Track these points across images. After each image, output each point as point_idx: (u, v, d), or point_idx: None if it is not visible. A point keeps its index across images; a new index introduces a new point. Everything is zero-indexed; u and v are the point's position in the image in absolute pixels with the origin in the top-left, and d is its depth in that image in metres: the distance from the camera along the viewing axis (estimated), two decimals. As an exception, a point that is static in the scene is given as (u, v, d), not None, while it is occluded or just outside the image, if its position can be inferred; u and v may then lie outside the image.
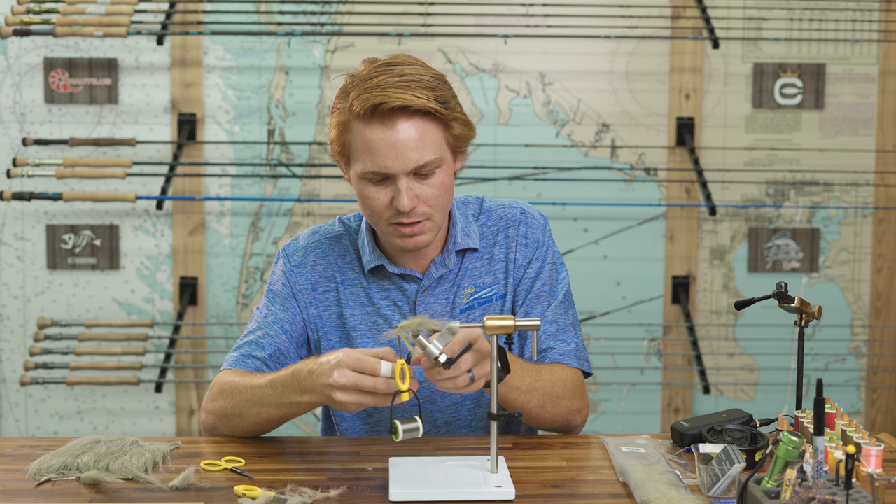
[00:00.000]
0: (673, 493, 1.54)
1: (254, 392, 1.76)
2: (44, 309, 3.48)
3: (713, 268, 3.54)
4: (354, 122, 1.77)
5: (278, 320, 1.91)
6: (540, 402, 1.82)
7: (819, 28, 3.47)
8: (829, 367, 3.57)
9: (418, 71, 1.77)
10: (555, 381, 1.86)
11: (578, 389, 1.90)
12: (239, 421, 1.80)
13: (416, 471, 1.64)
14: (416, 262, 1.91)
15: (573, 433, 1.92)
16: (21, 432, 3.50)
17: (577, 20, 3.34)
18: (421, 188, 1.78)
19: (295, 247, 1.97)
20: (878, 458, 1.65)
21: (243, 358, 1.88)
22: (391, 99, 1.72)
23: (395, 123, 1.74)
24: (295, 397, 1.70)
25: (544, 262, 1.95)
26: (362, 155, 1.78)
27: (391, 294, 1.92)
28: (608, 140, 3.48)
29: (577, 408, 1.89)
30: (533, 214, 1.98)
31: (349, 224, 1.98)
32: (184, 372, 3.49)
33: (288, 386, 1.71)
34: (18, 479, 1.64)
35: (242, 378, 1.81)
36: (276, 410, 1.75)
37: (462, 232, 1.92)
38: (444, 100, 1.77)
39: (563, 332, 1.93)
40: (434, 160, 1.77)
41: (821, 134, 3.52)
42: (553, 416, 1.86)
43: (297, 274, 1.94)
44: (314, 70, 3.44)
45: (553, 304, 1.94)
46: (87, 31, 3.20)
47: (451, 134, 1.80)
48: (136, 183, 3.42)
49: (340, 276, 1.93)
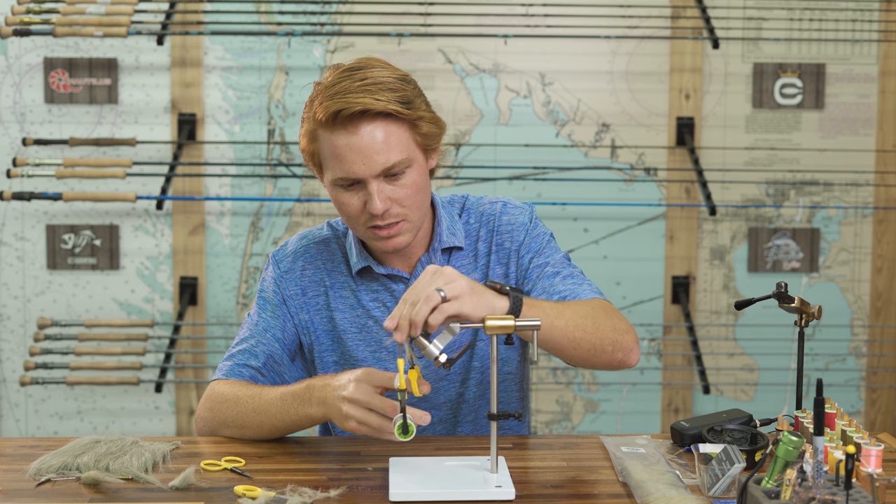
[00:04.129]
0: (673, 493, 1.54)
1: (259, 404, 1.77)
2: (44, 309, 3.48)
3: (713, 268, 3.54)
4: (320, 130, 1.77)
5: (270, 328, 1.91)
6: (580, 326, 1.70)
7: (819, 28, 3.47)
8: (829, 367, 3.57)
9: (381, 73, 1.76)
10: (584, 305, 1.76)
11: (614, 311, 1.79)
12: (239, 430, 1.81)
13: (416, 471, 1.64)
14: (402, 262, 1.91)
15: (629, 362, 1.77)
16: (21, 432, 3.50)
17: (577, 20, 3.34)
18: (393, 190, 1.78)
19: (284, 252, 1.97)
20: (878, 458, 1.65)
21: (237, 367, 1.88)
22: (351, 104, 1.72)
23: (359, 128, 1.74)
24: (303, 409, 1.72)
25: (540, 242, 1.93)
26: (331, 162, 1.78)
27: (379, 295, 1.92)
28: (608, 140, 3.48)
29: (622, 327, 1.76)
30: (515, 204, 1.97)
31: (337, 228, 1.98)
32: (184, 372, 3.49)
33: (299, 397, 1.73)
34: (18, 479, 1.64)
35: (245, 388, 1.81)
36: (280, 422, 1.76)
37: (448, 230, 1.92)
38: (406, 100, 1.76)
39: (571, 278, 1.87)
40: (402, 161, 1.76)
41: (821, 134, 3.52)
42: (601, 338, 1.72)
43: (287, 279, 1.94)
44: (314, 70, 3.44)
45: (554, 260, 1.91)
46: (87, 31, 3.20)
47: (419, 133, 1.79)
48: (136, 183, 3.42)
49: (329, 280, 1.93)
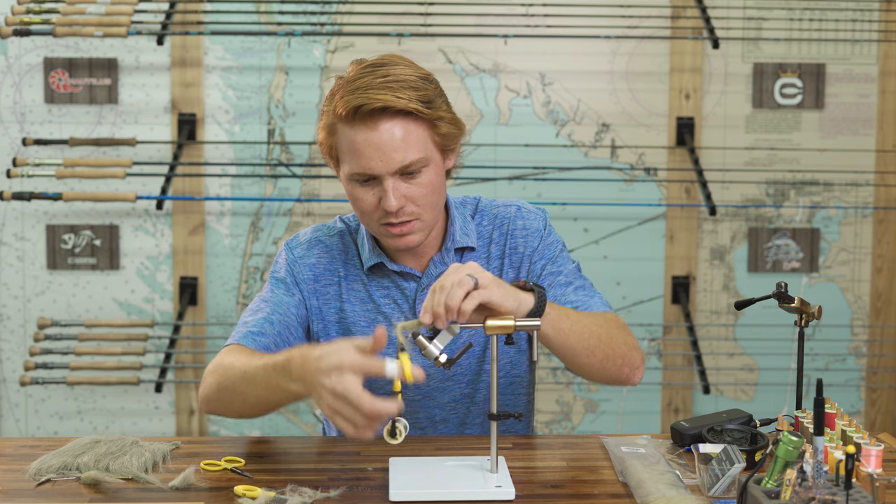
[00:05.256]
0: (673, 493, 1.54)
1: (248, 370, 1.69)
2: (44, 309, 3.48)
3: (713, 268, 3.54)
4: (339, 124, 1.78)
5: (284, 302, 1.90)
6: (596, 334, 1.73)
7: (819, 28, 3.47)
8: (829, 367, 3.57)
9: (403, 71, 1.77)
10: (599, 317, 1.79)
11: (625, 327, 1.82)
12: (231, 396, 1.73)
13: (416, 471, 1.64)
14: (415, 261, 1.92)
15: (633, 380, 1.81)
16: (21, 432, 3.50)
17: (577, 20, 3.34)
18: (408, 188, 1.78)
19: (298, 241, 1.97)
20: (878, 458, 1.65)
21: (252, 335, 1.83)
22: (372, 100, 1.73)
23: (378, 125, 1.74)
24: (284, 382, 1.61)
25: (554, 250, 1.94)
26: (348, 157, 1.78)
27: (391, 292, 1.92)
28: (608, 140, 3.48)
29: (632, 343, 1.79)
30: (530, 209, 1.99)
31: (349, 223, 1.99)
32: (184, 372, 3.49)
33: (280, 369, 1.62)
34: (18, 479, 1.64)
35: (243, 355, 1.75)
36: (265, 392, 1.67)
37: (461, 231, 1.92)
38: (427, 99, 1.77)
39: (583, 290, 1.89)
40: (419, 160, 1.77)
41: (821, 134, 3.52)
42: (614, 349, 1.75)
43: (301, 264, 1.94)
44: (314, 70, 3.44)
45: (567, 270, 1.92)
46: (87, 31, 3.20)
47: (438, 133, 1.80)
48: (136, 183, 3.42)
49: (344, 271, 1.94)
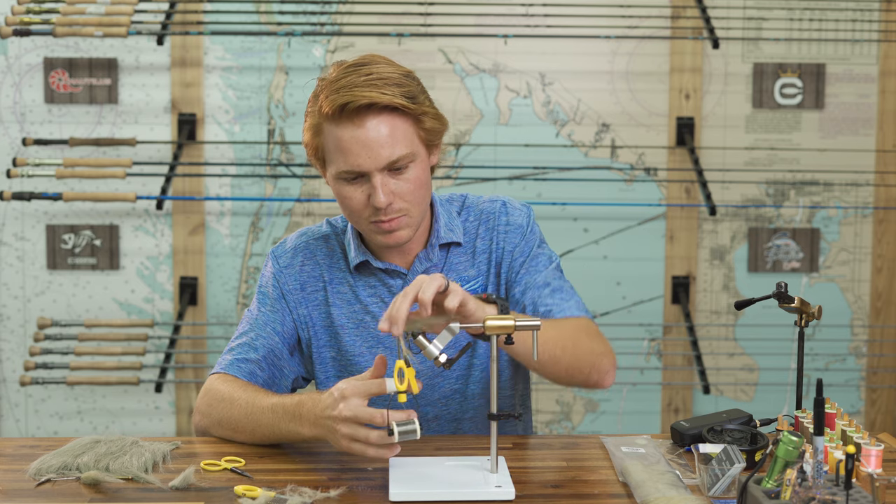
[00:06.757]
0: (673, 493, 1.53)
1: (252, 410, 1.76)
2: (44, 309, 3.48)
3: (713, 268, 3.54)
4: (325, 123, 1.80)
5: (269, 321, 1.93)
6: (560, 345, 1.76)
7: (819, 28, 3.47)
8: (829, 367, 3.57)
9: (385, 69, 1.79)
10: (568, 324, 1.82)
11: (596, 333, 1.86)
12: (232, 433, 1.80)
13: (416, 471, 1.64)
14: (400, 258, 1.93)
15: (603, 384, 1.84)
16: (21, 432, 3.50)
17: (577, 20, 3.34)
18: (396, 184, 1.80)
19: (283, 248, 1.99)
20: (878, 458, 1.65)
21: (237, 362, 1.89)
22: (358, 97, 1.75)
23: (364, 121, 1.76)
24: (294, 426, 1.70)
25: (532, 245, 1.95)
26: (335, 156, 1.80)
27: (377, 290, 1.93)
28: (608, 140, 3.48)
29: (601, 350, 1.83)
30: (515, 205, 1.99)
31: (336, 225, 2.00)
32: (184, 372, 3.49)
33: (290, 413, 1.70)
34: (18, 479, 1.64)
35: (243, 390, 1.80)
36: (269, 432, 1.75)
37: (445, 227, 1.94)
38: (411, 95, 1.79)
39: (560, 292, 1.91)
40: (406, 155, 1.79)
41: (821, 134, 3.52)
42: (579, 358, 1.79)
43: (286, 274, 1.96)
44: (314, 70, 3.44)
45: (546, 270, 1.93)
46: (87, 31, 3.20)
47: (422, 128, 1.82)
48: (136, 183, 3.42)
49: (328, 276, 1.95)
